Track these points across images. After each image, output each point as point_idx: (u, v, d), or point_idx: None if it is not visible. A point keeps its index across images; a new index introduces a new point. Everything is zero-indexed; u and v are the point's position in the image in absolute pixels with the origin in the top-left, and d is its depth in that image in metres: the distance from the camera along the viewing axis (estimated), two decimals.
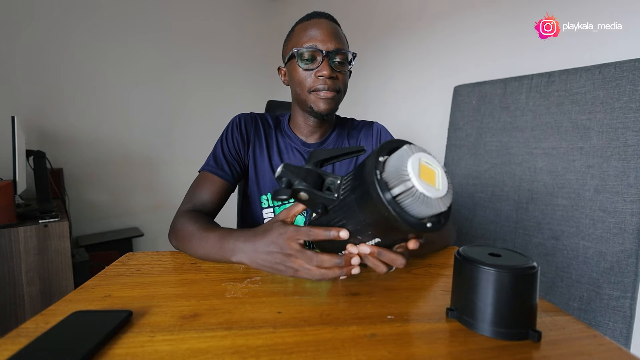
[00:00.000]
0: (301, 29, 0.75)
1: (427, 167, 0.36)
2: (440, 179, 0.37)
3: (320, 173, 0.45)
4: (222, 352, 0.35)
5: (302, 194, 0.43)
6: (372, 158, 0.37)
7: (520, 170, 1.30)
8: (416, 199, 0.34)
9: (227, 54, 2.81)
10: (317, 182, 0.44)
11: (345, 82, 0.77)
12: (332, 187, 0.44)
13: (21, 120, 1.77)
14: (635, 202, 1.02)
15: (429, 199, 0.35)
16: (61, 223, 1.41)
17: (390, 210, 0.35)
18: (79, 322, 0.39)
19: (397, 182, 0.35)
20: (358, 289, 0.51)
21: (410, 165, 0.35)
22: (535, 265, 0.38)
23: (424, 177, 0.35)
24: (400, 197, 0.35)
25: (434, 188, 0.35)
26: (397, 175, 0.35)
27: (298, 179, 0.43)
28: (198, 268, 0.58)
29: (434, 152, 1.82)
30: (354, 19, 2.28)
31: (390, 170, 0.36)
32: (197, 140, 2.64)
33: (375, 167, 0.36)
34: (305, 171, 0.44)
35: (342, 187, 0.43)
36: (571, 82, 1.18)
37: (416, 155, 0.36)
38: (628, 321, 1.02)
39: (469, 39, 1.67)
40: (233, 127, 0.81)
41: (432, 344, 0.37)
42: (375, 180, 0.35)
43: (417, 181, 0.34)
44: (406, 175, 0.34)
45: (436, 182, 0.36)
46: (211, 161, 0.78)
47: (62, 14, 2.07)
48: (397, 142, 0.39)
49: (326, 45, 0.71)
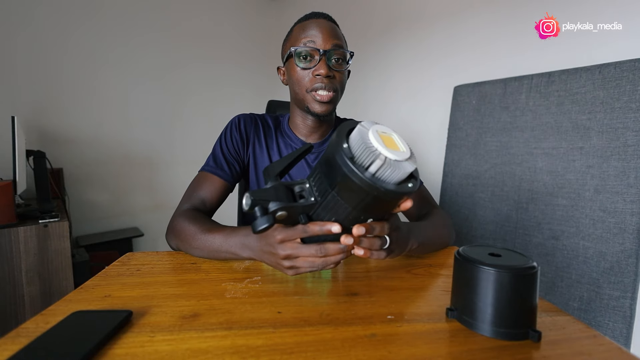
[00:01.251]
0: (299, 29, 0.75)
1: (385, 135, 0.38)
2: (400, 141, 0.39)
3: (287, 184, 0.44)
4: (222, 352, 0.35)
5: (281, 213, 0.41)
6: (336, 147, 0.37)
7: (520, 170, 1.30)
8: (392, 167, 0.36)
9: (227, 54, 2.81)
10: (288, 195, 0.42)
11: (343, 82, 0.76)
12: (304, 193, 0.43)
13: (21, 120, 1.77)
14: (635, 202, 1.02)
15: (401, 163, 0.36)
16: (61, 223, 1.41)
17: (378, 188, 0.36)
18: (79, 322, 0.39)
19: (371, 159, 0.36)
20: (358, 289, 0.51)
21: (373, 139, 0.36)
22: (535, 265, 0.38)
23: (389, 145, 0.37)
24: (378, 172, 0.36)
25: (400, 152, 0.37)
26: (367, 153, 0.36)
27: (270, 201, 0.41)
28: (198, 268, 0.58)
29: (434, 152, 1.82)
30: (354, 19, 2.28)
31: (358, 152, 0.37)
32: (197, 140, 2.64)
33: (345, 155, 0.36)
34: (272, 190, 0.42)
35: (314, 188, 0.42)
36: (571, 82, 1.18)
37: (372, 129, 0.37)
38: (628, 321, 1.02)
39: (469, 39, 1.67)
40: (232, 127, 0.82)
41: (432, 344, 0.37)
42: (352, 167, 0.35)
43: (386, 151, 0.36)
44: (375, 150, 0.36)
45: (398, 146, 0.38)
46: (210, 161, 0.78)
47: (62, 14, 2.07)
48: (347, 125, 0.40)
49: (324, 44, 0.71)
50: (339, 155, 0.36)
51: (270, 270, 0.58)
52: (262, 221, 0.40)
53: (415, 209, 0.80)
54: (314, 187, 0.42)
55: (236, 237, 0.58)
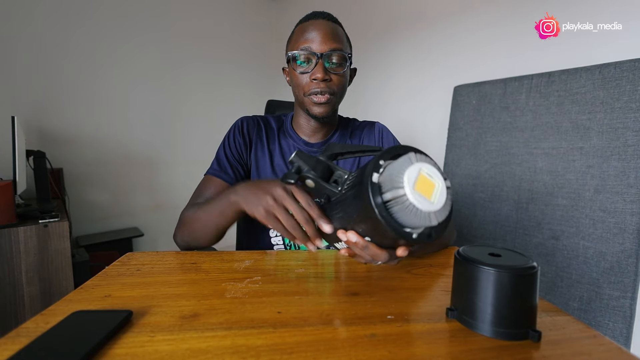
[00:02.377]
0: (299, 31, 0.75)
1: (427, 178, 0.35)
2: (439, 193, 0.36)
3: (330, 165, 0.47)
4: (222, 352, 0.35)
5: (309, 181, 0.46)
6: (374, 160, 0.37)
7: (520, 170, 1.30)
8: (405, 207, 0.34)
9: (227, 54, 2.81)
10: (324, 173, 0.46)
11: (341, 84, 0.76)
12: (338, 181, 0.46)
13: (21, 120, 1.77)
14: (635, 202, 1.02)
15: (419, 210, 0.34)
16: (61, 223, 1.41)
17: (377, 213, 0.34)
18: (79, 322, 0.39)
19: (390, 187, 0.35)
20: (358, 289, 0.51)
21: (407, 173, 0.35)
22: (535, 265, 0.38)
23: (420, 188, 0.35)
24: (390, 203, 0.35)
25: (428, 201, 0.35)
26: (391, 181, 0.35)
27: (307, 167, 0.46)
28: (198, 268, 0.58)
29: (434, 152, 1.82)
30: (354, 19, 2.28)
31: (386, 175, 0.36)
32: (197, 141, 2.64)
33: (373, 169, 0.36)
34: (315, 161, 0.47)
35: (346, 182, 0.44)
36: (571, 82, 1.18)
37: (417, 164, 0.36)
38: (628, 321, 1.02)
39: (469, 39, 1.67)
40: (235, 130, 0.82)
41: (432, 344, 0.37)
42: (369, 182, 0.35)
43: (409, 190, 0.34)
44: (400, 182, 0.34)
45: (432, 196, 0.35)
46: (215, 165, 0.79)
47: (62, 14, 2.07)
48: (404, 148, 0.39)
49: (321, 47, 0.71)
50: (370, 167, 0.36)
51: (271, 270, 0.58)
52: (291, 176, 0.46)
53: None
54: (348, 181, 0.44)
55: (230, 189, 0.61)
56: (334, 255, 0.66)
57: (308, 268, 0.59)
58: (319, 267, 0.61)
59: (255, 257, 0.63)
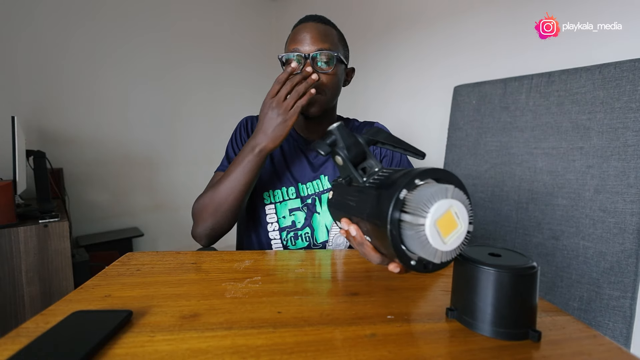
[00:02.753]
0: (291, 35, 0.78)
1: (453, 218, 0.34)
2: (456, 236, 0.34)
3: (366, 151, 0.46)
4: (222, 352, 0.35)
5: (338, 158, 0.46)
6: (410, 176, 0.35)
7: (520, 170, 1.30)
8: (417, 236, 0.33)
9: (227, 54, 2.81)
10: (357, 157, 0.45)
11: (331, 82, 0.77)
12: (367, 170, 0.45)
13: (21, 120, 1.77)
14: (635, 202, 1.02)
15: (429, 245, 0.33)
16: (61, 223, 1.41)
17: (388, 229, 0.34)
18: (79, 322, 0.39)
19: (413, 210, 0.34)
20: (358, 289, 0.51)
21: (436, 206, 0.33)
22: (535, 265, 0.38)
23: (441, 225, 0.33)
24: (404, 223, 0.34)
25: (443, 240, 0.33)
26: (417, 205, 0.33)
27: (343, 144, 0.45)
28: (198, 268, 0.58)
29: (433, 152, 1.82)
30: (354, 19, 2.28)
31: (415, 197, 0.34)
32: (197, 141, 2.64)
33: (406, 185, 0.34)
34: (353, 141, 0.46)
35: (373, 177, 0.42)
36: (571, 82, 1.18)
37: (450, 200, 0.34)
38: (628, 321, 1.02)
39: (469, 39, 1.67)
40: (241, 128, 0.87)
41: (432, 344, 0.37)
42: (396, 195, 0.34)
43: (430, 223, 0.32)
44: (425, 212, 0.33)
45: (449, 237, 0.34)
46: (225, 161, 0.83)
47: (62, 14, 2.07)
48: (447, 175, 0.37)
49: (308, 48, 0.73)
50: (402, 181, 0.35)
51: (271, 270, 0.58)
52: (324, 147, 0.45)
53: None
54: (375, 177, 0.42)
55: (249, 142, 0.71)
56: (333, 255, 0.66)
57: (308, 268, 0.59)
58: (319, 267, 0.61)
59: (255, 257, 0.63)
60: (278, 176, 0.83)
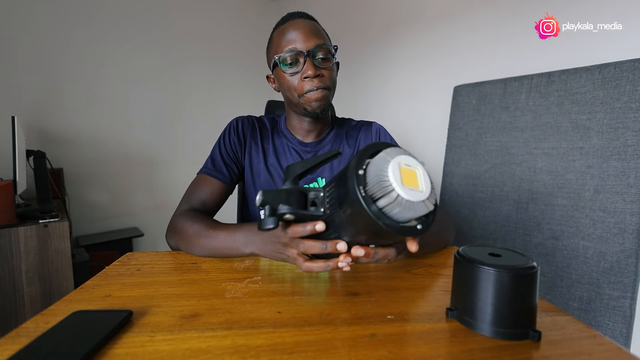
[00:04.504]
0: (279, 34, 0.75)
1: (408, 169, 0.35)
2: (422, 178, 0.36)
3: (302, 190, 0.44)
4: (222, 352, 0.35)
5: (288, 216, 0.43)
6: (352, 170, 0.36)
7: (520, 170, 1.30)
8: (402, 207, 0.34)
9: (227, 54, 2.81)
10: (300, 201, 0.43)
11: (333, 78, 0.76)
12: (316, 201, 0.43)
13: (21, 120, 1.77)
14: (635, 202, 1.02)
15: (415, 203, 0.34)
16: (61, 223, 1.41)
17: (380, 225, 0.34)
18: (79, 322, 0.39)
19: (381, 193, 0.34)
20: (358, 289, 0.51)
21: (391, 173, 0.34)
22: (535, 265, 0.38)
23: (407, 182, 0.34)
24: (386, 208, 0.34)
25: (418, 191, 0.34)
26: (380, 187, 0.34)
27: (280, 203, 0.42)
28: (198, 268, 0.58)
29: (434, 152, 1.82)
30: (354, 19, 2.28)
31: (372, 182, 0.35)
32: (197, 140, 2.64)
33: (358, 183, 0.35)
34: (285, 193, 0.42)
35: (326, 200, 0.42)
36: (571, 82, 1.18)
37: (395, 160, 0.35)
38: (628, 321, 1.02)
39: (469, 39, 1.67)
40: (230, 130, 0.82)
41: (432, 344, 0.37)
42: (360, 198, 0.34)
43: (400, 189, 0.33)
44: (389, 185, 0.34)
45: (419, 183, 0.35)
46: (209, 164, 0.78)
47: (62, 15, 2.07)
48: (373, 147, 0.38)
49: (306, 45, 0.71)
50: (352, 181, 0.35)
51: (271, 270, 0.58)
52: (269, 221, 0.41)
53: None
54: (327, 199, 0.42)
55: (240, 234, 0.59)
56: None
57: None
58: None
59: (255, 257, 0.63)
60: (273, 179, 0.82)
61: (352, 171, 0.36)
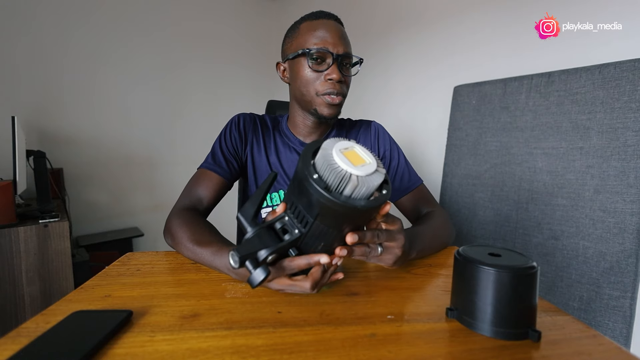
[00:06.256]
0: (309, 28, 0.73)
1: (348, 151, 0.38)
2: (363, 152, 0.39)
3: (268, 225, 0.43)
4: (222, 352, 0.35)
5: (271, 258, 0.42)
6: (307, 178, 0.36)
7: (520, 170, 1.30)
8: (365, 184, 0.36)
9: (227, 54, 2.81)
10: (272, 236, 0.42)
11: (348, 87, 0.77)
12: (286, 227, 0.43)
13: (21, 120, 1.77)
14: (635, 202, 1.02)
15: (372, 176, 0.37)
16: (61, 223, 1.41)
17: (357, 207, 0.36)
18: (79, 322, 0.39)
19: (344, 183, 0.36)
20: (358, 289, 0.51)
21: (340, 161, 0.36)
22: (535, 265, 0.38)
23: (355, 162, 0.37)
24: (354, 193, 0.37)
25: (367, 164, 0.37)
26: (339, 179, 0.36)
27: (257, 250, 0.41)
28: (198, 268, 0.58)
29: (434, 152, 1.82)
30: (354, 19, 2.28)
31: (330, 179, 0.36)
32: (197, 140, 2.64)
33: (319, 186, 0.36)
34: (257, 238, 0.41)
35: (295, 220, 0.42)
36: (571, 82, 1.18)
37: (334, 150, 0.37)
38: (628, 321, 1.02)
39: (469, 39, 1.67)
40: (232, 125, 0.82)
41: (432, 343, 0.37)
42: (329, 197, 0.35)
43: (355, 170, 0.36)
44: (345, 172, 0.36)
45: (363, 158, 0.38)
46: (209, 159, 0.78)
47: (62, 15, 2.07)
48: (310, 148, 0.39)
49: (337, 49, 0.71)
50: (313, 188, 0.36)
51: None
52: (259, 274, 0.40)
53: (415, 209, 0.81)
54: (295, 219, 0.42)
55: (225, 259, 0.55)
56: None
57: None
58: None
59: None
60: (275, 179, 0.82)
61: (307, 178, 0.36)
